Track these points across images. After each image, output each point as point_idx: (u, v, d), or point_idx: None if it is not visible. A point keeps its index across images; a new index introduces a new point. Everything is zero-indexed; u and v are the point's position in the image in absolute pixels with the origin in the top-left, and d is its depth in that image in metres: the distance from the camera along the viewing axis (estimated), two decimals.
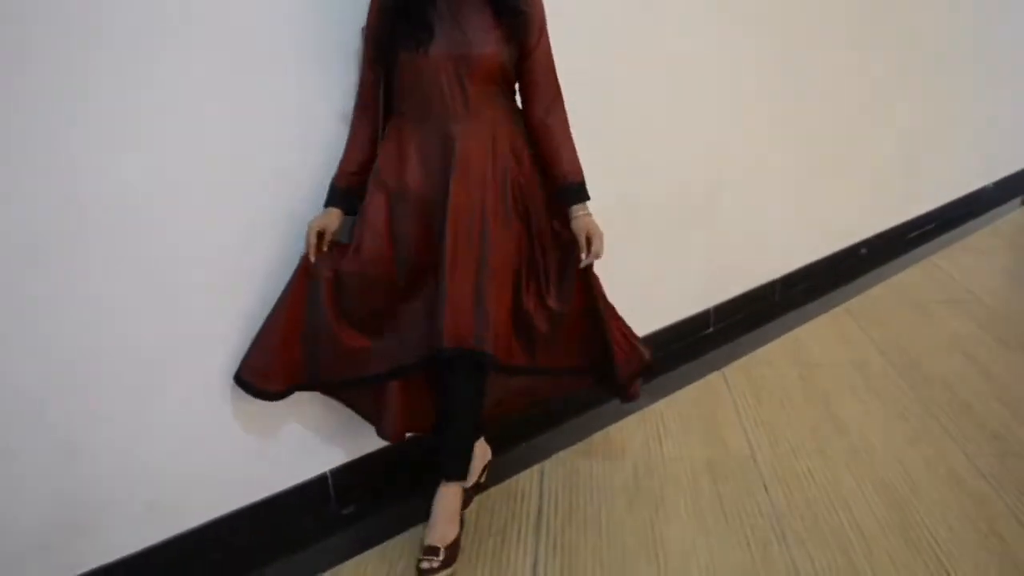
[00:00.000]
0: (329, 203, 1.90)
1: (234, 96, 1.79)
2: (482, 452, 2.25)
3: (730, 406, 2.73)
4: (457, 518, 2.04)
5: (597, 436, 2.54)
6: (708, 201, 3.11)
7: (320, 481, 2.18)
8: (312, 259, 1.84)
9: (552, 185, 1.95)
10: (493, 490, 2.29)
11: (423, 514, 2.13)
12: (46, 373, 1.66)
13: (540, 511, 2.19)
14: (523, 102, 1.94)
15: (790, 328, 3.35)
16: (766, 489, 2.28)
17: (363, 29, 1.88)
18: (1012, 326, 3.32)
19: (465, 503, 2.12)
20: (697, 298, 3.23)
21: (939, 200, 4.75)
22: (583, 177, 1.96)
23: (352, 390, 2.00)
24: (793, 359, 3.07)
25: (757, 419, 2.65)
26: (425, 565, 1.93)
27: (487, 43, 1.79)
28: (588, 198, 1.96)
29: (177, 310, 1.81)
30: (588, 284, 2.01)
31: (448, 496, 2.03)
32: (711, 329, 3.31)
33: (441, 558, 1.95)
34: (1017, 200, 5.38)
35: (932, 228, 4.67)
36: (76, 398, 1.71)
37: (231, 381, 1.89)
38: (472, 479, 2.18)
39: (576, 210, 1.94)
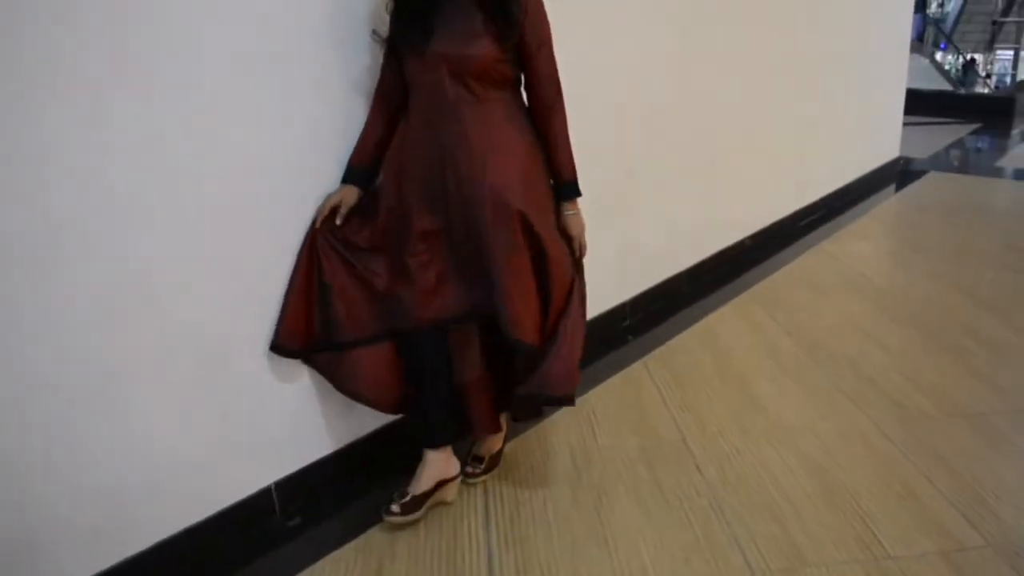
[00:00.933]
0: (346, 180, 2.09)
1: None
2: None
3: (655, 394, 2.84)
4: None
5: (531, 431, 2.59)
6: (620, 197, 3.22)
7: (264, 494, 2.16)
8: (318, 225, 2.02)
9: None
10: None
11: (370, 520, 2.17)
12: None
13: (487, 507, 2.24)
14: (528, 102, 2.09)
15: (701, 317, 3.50)
16: (699, 470, 2.39)
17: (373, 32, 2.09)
18: (901, 304, 3.57)
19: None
20: (613, 292, 3.34)
21: (825, 189, 5.04)
22: (575, 176, 2.12)
23: (350, 360, 2.10)
24: (708, 346, 3.21)
25: (682, 404, 2.76)
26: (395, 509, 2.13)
27: (478, 46, 1.93)
28: (579, 195, 2.13)
29: (123, 324, 1.78)
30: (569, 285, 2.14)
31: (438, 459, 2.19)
32: (628, 321, 3.42)
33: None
34: (891, 188, 5.76)
35: (819, 216, 4.95)
36: (12, 413, 1.65)
37: (162, 398, 1.88)
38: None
39: (565, 207, 2.13)
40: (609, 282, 3.28)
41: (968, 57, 12.91)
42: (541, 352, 2.10)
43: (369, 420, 2.37)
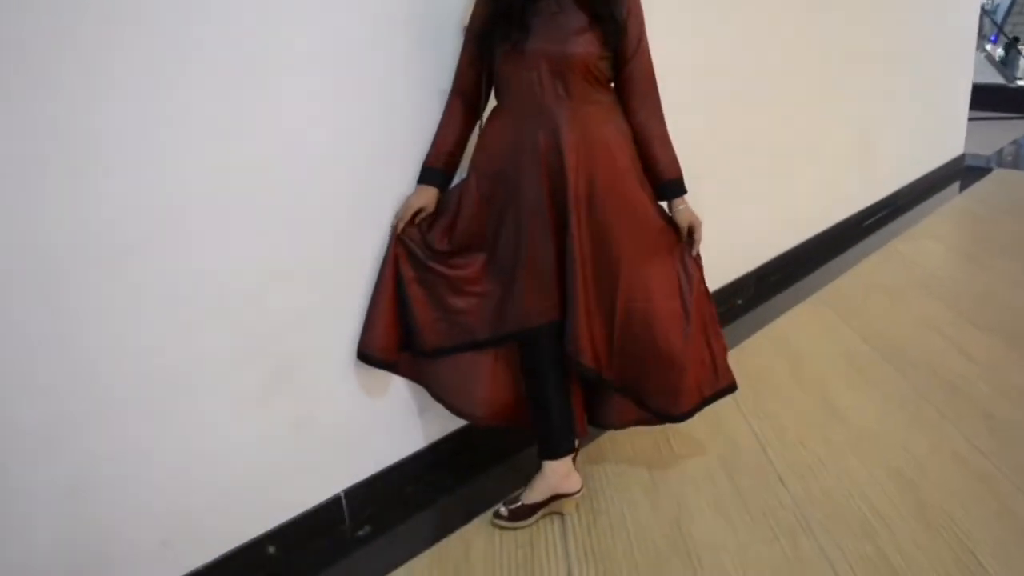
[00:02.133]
0: (424, 181, 2.03)
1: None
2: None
3: (730, 401, 2.70)
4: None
5: (603, 440, 2.52)
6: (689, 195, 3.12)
7: (334, 503, 2.12)
8: (400, 230, 1.99)
9: (653, 182, 2.06)
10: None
11: (442, 529, 2.12)
12: (47, 408, 1.56)
13: (563, 519, 2.17)
14: (624, 102, 2.02)
15: (771, 319, 3.40)
16: (782, 481, 2.30)
17: (464, 28, 2.02)
18: (980, 306, 3.44)
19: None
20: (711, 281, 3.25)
21: (891, 187, 4.90)
22: (680, 173, 2.07)
23: (447, 366, 2.07)
24: (781, 350, 3.12)
25: (758, 412, 2.67)
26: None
27: (580, 43, 1.88)
28: (685, 191, 2.09)
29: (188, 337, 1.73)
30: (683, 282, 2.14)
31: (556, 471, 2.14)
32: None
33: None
34: (955, 186, 5.59)
35: (885, 215, 4.82)
36: (83, 428, 1.61)
37: (232, 408, 1.84)
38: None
39: (676, 204, 2.09)
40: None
41: (1012, 38, 12.56)
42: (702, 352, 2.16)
43: (437, 426, 2.32)
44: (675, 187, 2.07)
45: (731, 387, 2.22)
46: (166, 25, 1.57)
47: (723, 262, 3.45)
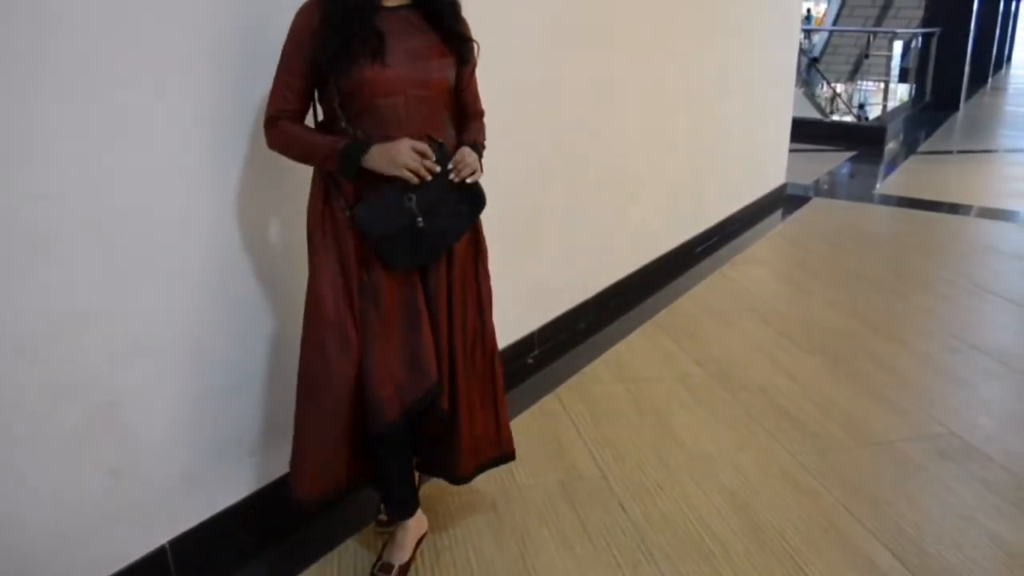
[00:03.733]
0: (360, 147, 1.75)
1: None
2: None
3: (570, 427, 2.79)
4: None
5: None
6: (524, 231, 3.18)
7: (157, 557, 1.99)
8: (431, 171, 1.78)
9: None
10: (362, 534, 2.19)
11: None
12: None
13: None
14: (455, 125, 1.92)
15: (609, 345, 3.48)
16: (623, 507, 2.35)
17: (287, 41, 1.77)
18: (803, 330, 3.65)
19: None
20: (520, 322, 3.28)
21: (721, 214, 5.14)
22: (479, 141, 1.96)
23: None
24: (619, 375, 3.19)
25: (598, 438, 2.72)
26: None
27: (442, 67, 1.81)
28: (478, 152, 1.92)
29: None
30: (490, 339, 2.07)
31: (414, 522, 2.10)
32: (536, 351, 3.38)
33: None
34: (778, 214, 5.94)
35: (714, 242, 5.05)
36: None
37: (43, 456, 1.70)
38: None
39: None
40: (515, 312, 3.22)
41: (833, 87, 13.72)
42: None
43: (269, 468, 2.23)
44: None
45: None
46: None
47: (563, 287, 3.51)
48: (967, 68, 12.42)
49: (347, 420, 1.87)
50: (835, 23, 19.24)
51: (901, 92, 12.56)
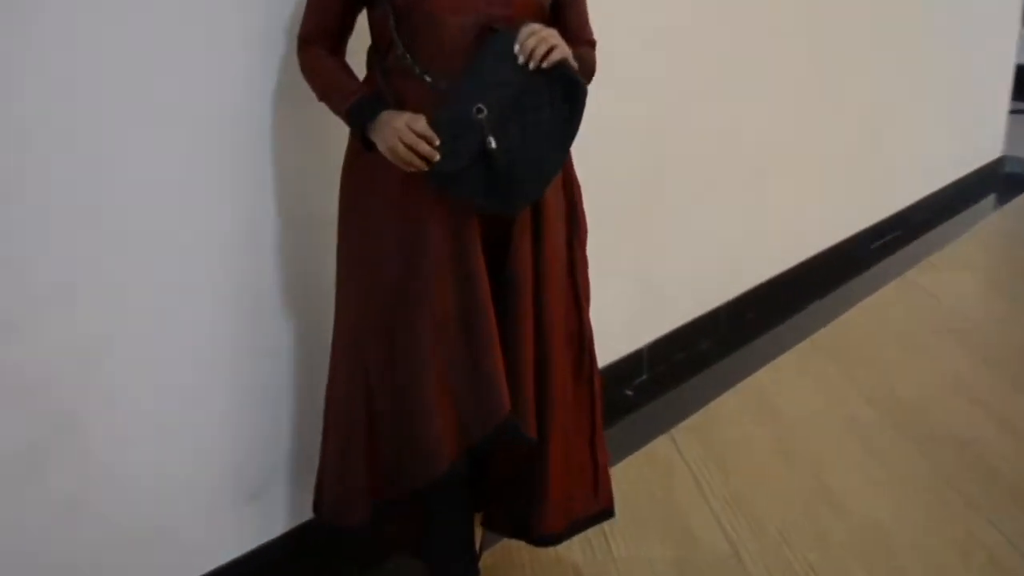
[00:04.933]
0: (374, 110, 1.81)
1: None
2: None
3: (690, 482, 2.76)
4: None
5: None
6: (638, 208, 3.17)
7: None
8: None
9: None
10: None
11: None
12: None
13: None
14: None
15: (747, 371, 3.45)
16: None
17: None
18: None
19: None
20: (625, 334, 3.27)
21: (907, 199, 5.04)
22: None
23: None
24: (760, 414, 3.15)
25: (729, 499, 2.68)
26: None
27: None
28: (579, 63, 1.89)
29: None
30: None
31: None
32: (645, 376, 3.37)
33: None
34: (991, 199, 5.79)
35: (898, 236, 4.95)
36: None
37: None
38: None
39: None
40: (619, 321, 3.20)
41: None
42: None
43: (279, 517, 2.28)
44: None
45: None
46: None
47: (682, 293, 3.50)
48: None
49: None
50: None
51: None
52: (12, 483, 1.78)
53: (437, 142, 1.74)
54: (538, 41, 1.74)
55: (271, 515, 2.26)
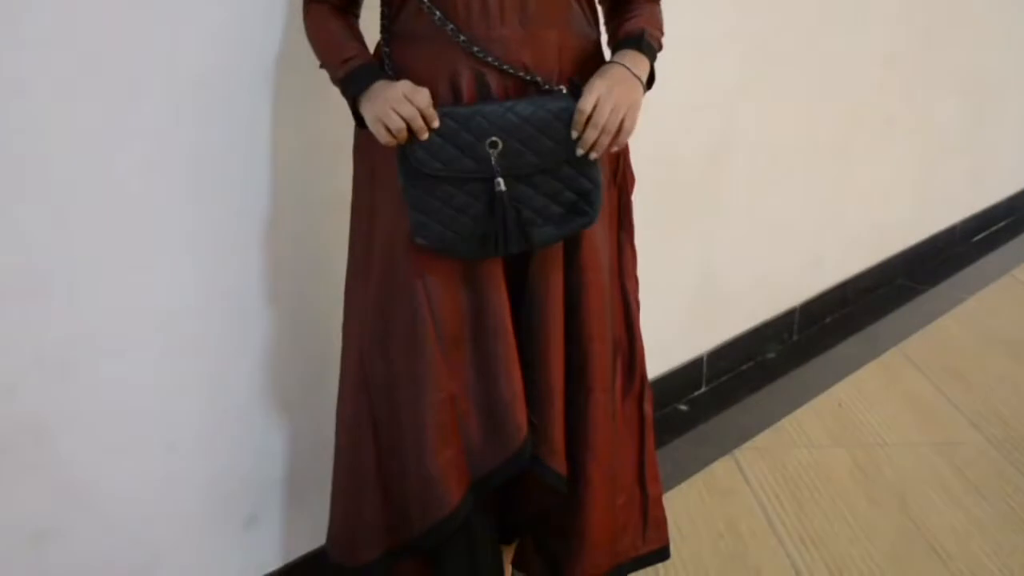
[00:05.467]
0: (370, 79, 1.79)
1: None
2: None
3: (757, 514, 2.73)
4: None
5: None
6: (696, 195, 3.15)
7: None
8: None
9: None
10: None
11: None
12: None
13: None
14: (605, 13, 1.94)
15: (824, 384, 3.42)
16: None
17: None
18: None
19: None
20: (681, 340, 3.26)
21: (1014, 185, 4.98)
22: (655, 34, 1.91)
23: None
24: (839, 435, 3.12)
25: (803, 535, 2.65)
26: None
27: None
28: (648, 55, 1.87)
29: None
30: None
31: None
32: (704, 388, 3.36)
33: None
34: None
35: (1004, 226, 4.89)
36: None
37: None
38: None
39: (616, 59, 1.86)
40: (675, 325, 3.20)
41: None
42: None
43: (275, 548, 2.28)
44: (633, 41, 1.87)
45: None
46: None
47: (748, 293, 3.49)
48: None
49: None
50: None
51: None
52: None
53: (435, 124, 1.71)
54: (600, 128, 1.72)
55: (270, 543, 2.27)
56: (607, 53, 1.91)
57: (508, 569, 2.21)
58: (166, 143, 1.91)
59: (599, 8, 1.94)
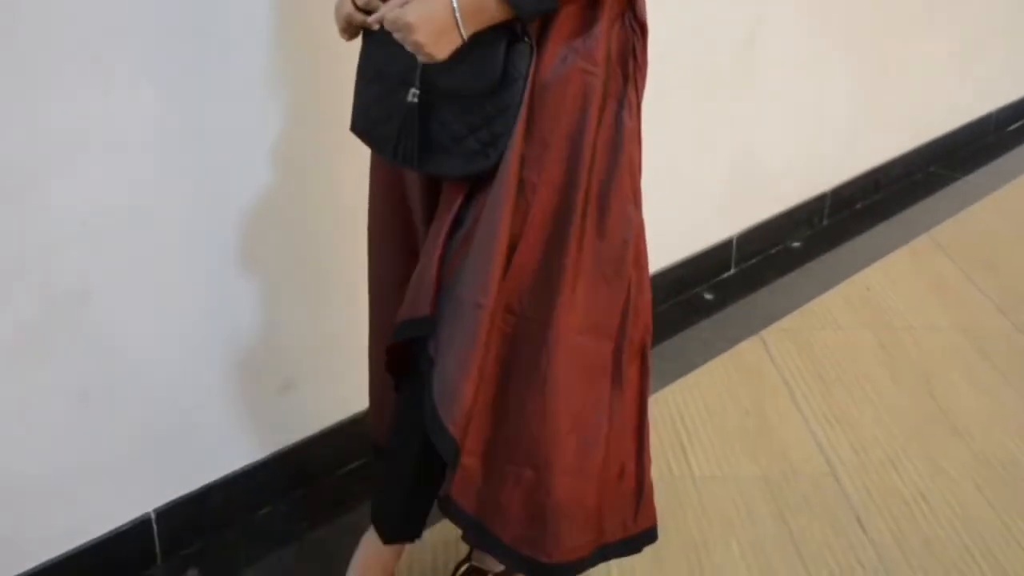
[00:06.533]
0: None
1: None
2: None
3: (783, 392, 2.77)
4: None
5: None
6: (729, 73, 3.13)
7: (139, 530, 2.10)
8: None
9: None
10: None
11: None
12: None
13: None
14: None
15: (854, 268, 3.43)
16: (860, 524, 2.32)
17: None
18: None
19: None
20: (711, 222, 3.28)
21: None
22: None
23: None
24: (866, 318, 3.14)
25: (828, 413, 2.69)
26: None
27: None
28: None
29: None
30: None
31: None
32: (733, 270, 3.38)
33: None
34: None
35: None
36: None
37: None
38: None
39: None
40: (706, 207, 3.21)
41: None
42: None
43: (306, 420, 2.32)
44: None
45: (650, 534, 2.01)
46: None
47: (781, 175, 3.48)
48: None
49: None
50: None
51: None
52: (17, 368, 1.84)
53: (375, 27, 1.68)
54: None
55: (304, 409, 2.31)
56: None
57: None
58: None
59: None
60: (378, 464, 2.07)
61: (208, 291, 2.08)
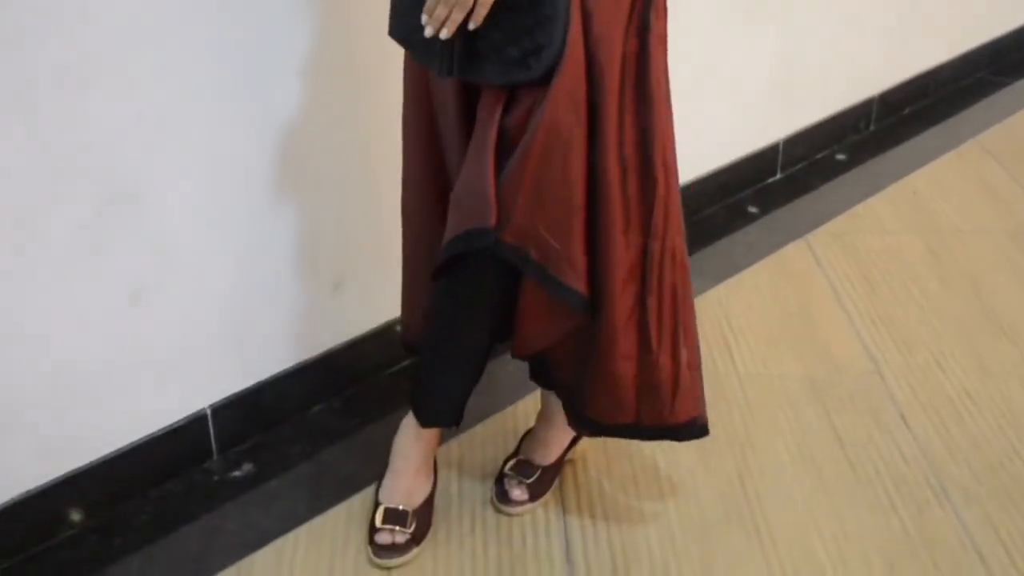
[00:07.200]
0: None
1: None
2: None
3: (828, 294, 2.78)
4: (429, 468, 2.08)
5: None
6: None
7: (195, 426, 2.15)
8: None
9: None
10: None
11: (362, 472, 2.15)
12: None
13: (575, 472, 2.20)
14: None
15: (901, 173, 3.42)
16: (904, 421, 2.34)
17: None
18: None
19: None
20: (757, 126, 3.27)
21: None
22: None
23: None
24: (913, 222, 3.14)
25: (874, 315, 2.70)
26: (384, 539, 1.98)
27: None
28: None
29: None
30: None
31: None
32: (779, 175, 3.36)
33: (409, 530, 1.99)
34: None
35: None
36: None
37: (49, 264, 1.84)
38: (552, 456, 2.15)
39: None
40: (752, 111, 3.20)
41: None
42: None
43: (356, 320, 2.35)
44: None
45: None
46: None
47: (829, 79, 3.46)
48: None
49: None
50: None
51: None
52: (73, 265, 1.87)
53: None
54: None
55: (356, 307, 2.35)
56: None
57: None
58: None
59: None
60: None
61: (260, 191, 2.10)
